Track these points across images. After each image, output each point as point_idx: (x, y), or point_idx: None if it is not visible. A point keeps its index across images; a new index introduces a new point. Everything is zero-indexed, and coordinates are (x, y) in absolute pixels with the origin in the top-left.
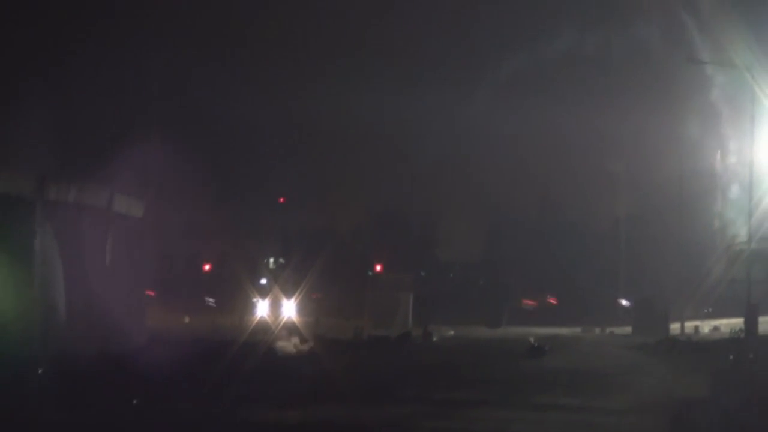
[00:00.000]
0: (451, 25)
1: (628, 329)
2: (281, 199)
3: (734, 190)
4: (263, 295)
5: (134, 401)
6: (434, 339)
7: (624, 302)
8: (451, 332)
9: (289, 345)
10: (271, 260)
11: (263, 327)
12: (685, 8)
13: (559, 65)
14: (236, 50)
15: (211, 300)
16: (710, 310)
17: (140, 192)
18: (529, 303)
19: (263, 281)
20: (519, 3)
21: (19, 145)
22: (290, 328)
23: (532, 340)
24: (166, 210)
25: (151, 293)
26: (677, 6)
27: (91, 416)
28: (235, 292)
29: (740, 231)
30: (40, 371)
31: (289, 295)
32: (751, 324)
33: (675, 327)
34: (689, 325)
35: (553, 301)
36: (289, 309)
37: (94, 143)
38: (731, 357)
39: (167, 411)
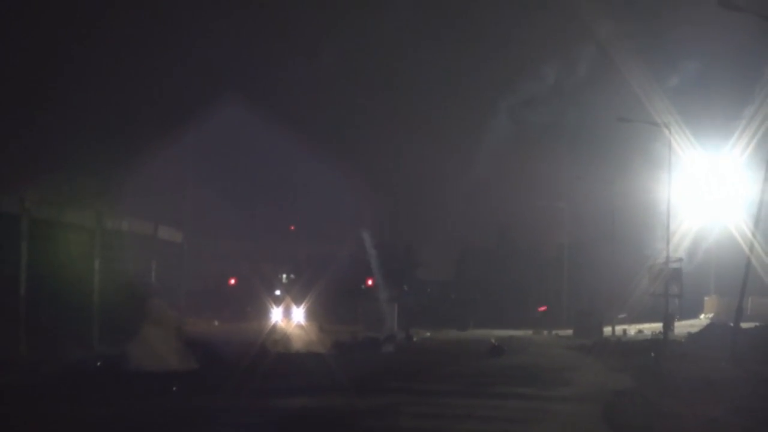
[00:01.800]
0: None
1: (569, 332)
2: (291, 228)
3: (656, 222)
4: (278, 304)
5: (174, 389)
6: (414, 340)
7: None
8: (428, 334)
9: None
10: (284, 276)
11: (277, 329)
12: (618, 79)
13: (518, 127)
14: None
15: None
16: (625, 315)
17: (179, 224)
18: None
19: (278, 293)
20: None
21: (84, 189)
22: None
23: (493, 340)
24: (200, 237)
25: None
26: (612, 77)
27: (137, 403)
28: (254, 301)
29: (660, 255)
30: (98, 364)
31: (298, 304)
32: (668, 328)
33: (607, 330)
34: (619, 328)
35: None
36: (298, 315)
37: (143, 186)
38: (653, 354)
39: (198, 399)
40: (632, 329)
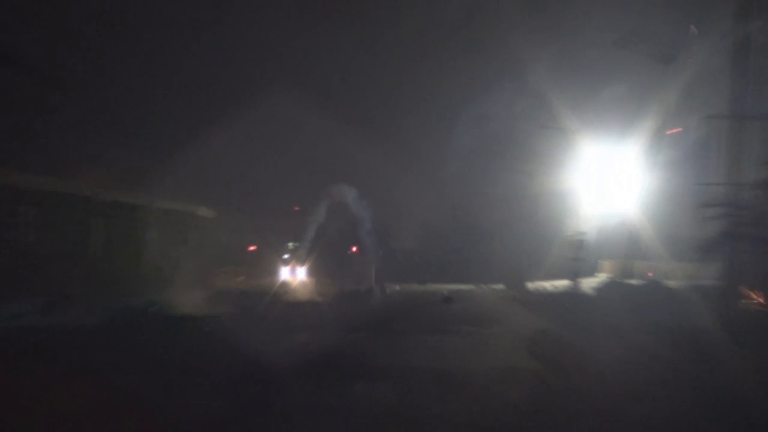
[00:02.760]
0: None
1: (501, 286)
2: (296, 207)
3: (567, 205)
4: (285, 265)
5: (206, 328)
6: (387, 291)
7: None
8: (397, 287)
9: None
10: (290, 244)
11: (286, 284)
12: (540, 96)
13: (470, 134)
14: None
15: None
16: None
17: (213, 204)
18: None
19: (286, 256)
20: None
21: (142, 178)
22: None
23: (445, 292)
24: (227, 214)
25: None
26: (535, 95)
27: (178, 338)
28: (268, 263)
29: (570, 229)
30: (150, 310)
31: (301, 265)
32: (575, 283)
33: (530, 285)
34: (539, 284)
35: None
36: (301, 273)
37: (186, 174)
38: (564, 303)
39: (226, 335)
40: (548, 284)
